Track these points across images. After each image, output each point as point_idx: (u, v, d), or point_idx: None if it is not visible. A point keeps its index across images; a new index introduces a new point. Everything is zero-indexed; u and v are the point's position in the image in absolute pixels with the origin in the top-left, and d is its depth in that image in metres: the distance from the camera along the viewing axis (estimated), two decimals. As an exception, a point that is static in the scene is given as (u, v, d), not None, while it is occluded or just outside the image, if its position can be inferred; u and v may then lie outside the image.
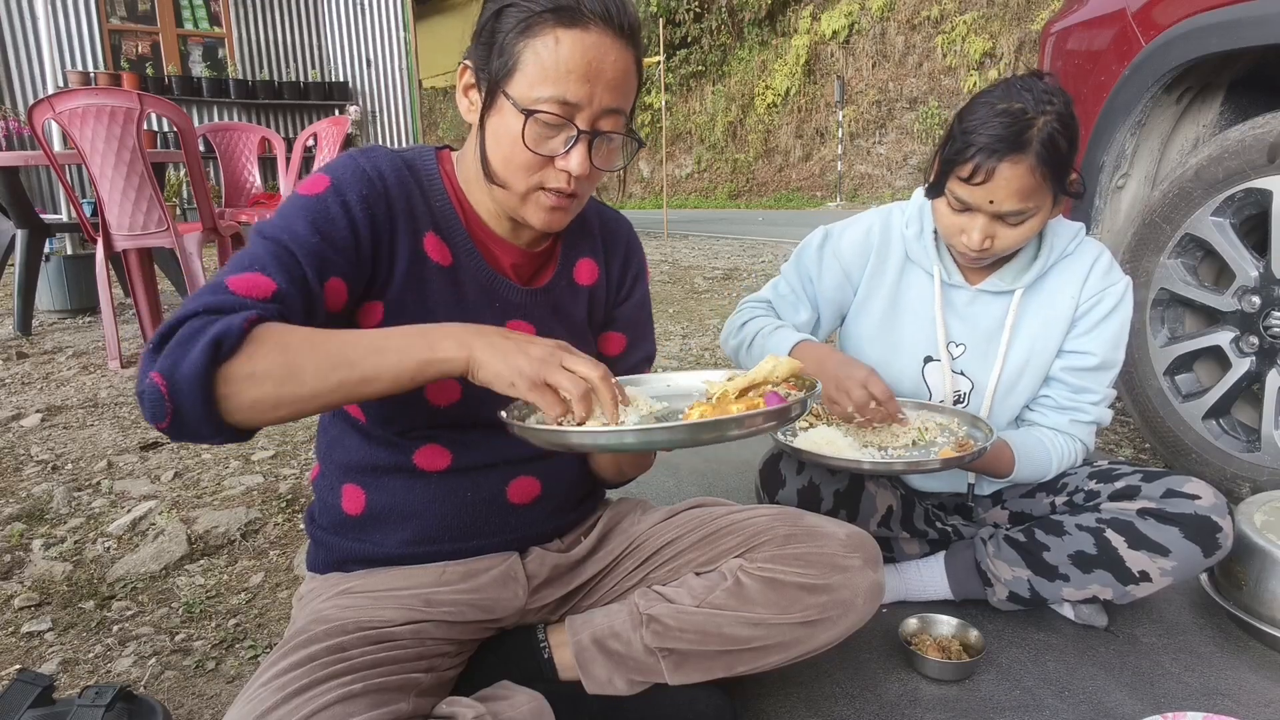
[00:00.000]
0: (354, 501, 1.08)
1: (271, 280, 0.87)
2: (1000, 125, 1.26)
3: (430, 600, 1.06)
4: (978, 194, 1.30)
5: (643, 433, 0.83)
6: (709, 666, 1.08)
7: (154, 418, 0.79)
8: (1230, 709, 1.23)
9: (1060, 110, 1.28)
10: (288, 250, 0.90)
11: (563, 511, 1.19)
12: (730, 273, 6.47)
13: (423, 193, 1.04)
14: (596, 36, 0.92)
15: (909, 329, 1.52)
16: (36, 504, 2.04)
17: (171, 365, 0.78)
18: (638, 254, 1.26)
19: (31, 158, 3.73)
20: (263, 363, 0.80)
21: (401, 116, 10.29)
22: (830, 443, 1.32)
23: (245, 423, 0.83)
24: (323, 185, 0.96)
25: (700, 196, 20.09)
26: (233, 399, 0.80)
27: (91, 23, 8.52)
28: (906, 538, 1.57)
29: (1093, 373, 1.46)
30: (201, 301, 0.83)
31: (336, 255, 0.94)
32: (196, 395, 0.77)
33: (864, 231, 1.55)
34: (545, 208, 1.00)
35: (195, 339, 0.79)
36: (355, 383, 0.83)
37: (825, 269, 1.56)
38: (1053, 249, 1.46)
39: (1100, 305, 1.45)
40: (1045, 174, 1.27)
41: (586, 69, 0.92)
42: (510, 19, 0.93)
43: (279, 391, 0.81)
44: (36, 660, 1.42)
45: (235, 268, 0.88)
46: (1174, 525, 1.31)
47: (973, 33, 15.23)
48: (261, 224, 0.94)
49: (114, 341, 3.39)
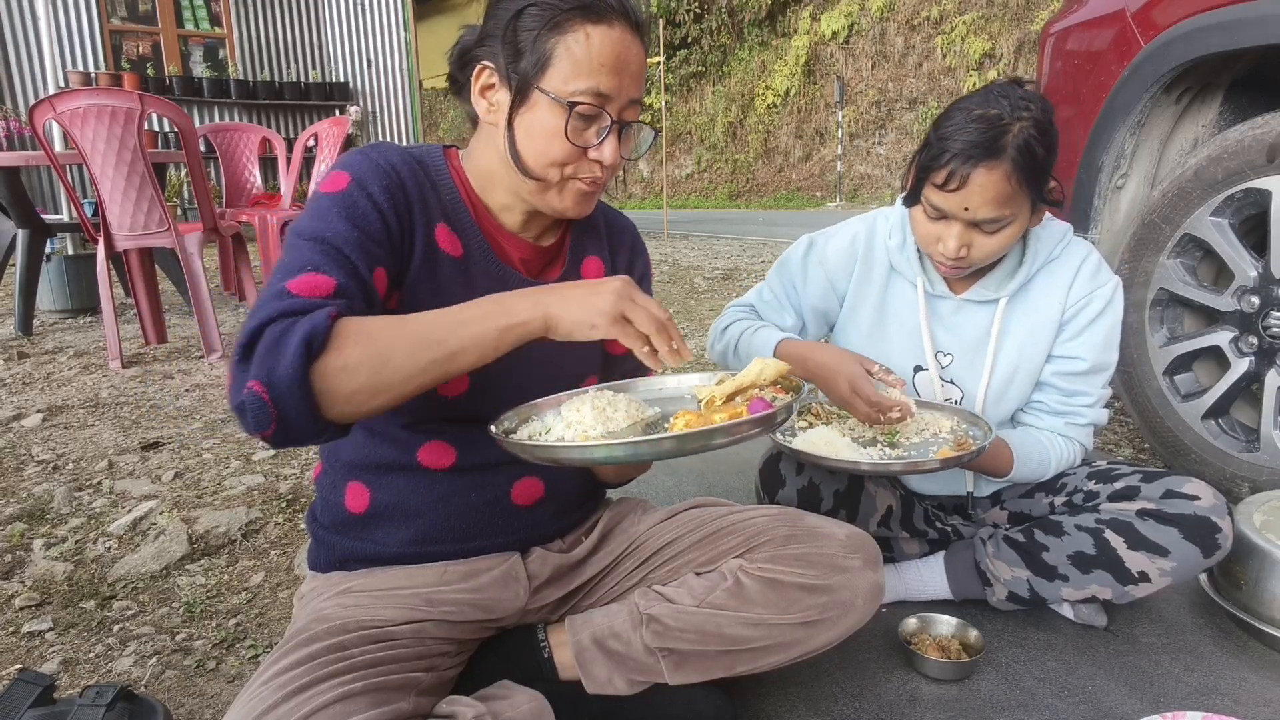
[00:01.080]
0: (358, 499, 1.09)
1: (330, 277, 0.89)
2: (975, 131, 1.25)
3: (431, 600, 1.06)
4: (953, 201, 1.29)
5: (629, 446, 0.86)
6: (709, 667, 1.08)
7: (258, 427, 0.79)
8: (1229, 709, 1.23)
9: (1037, 117, 1.26)
10: (334, 247, 0.91)
11: (565, 512, 1.20)
12: (730, 273, 6.47)
13: (433, 186, 1.06)
14: (620, 31, 0.97)
15: (896, 339, 1.52)
16: (37, 504, 2.04)
17: (268, 371, 0.79)
18: (643, 255, 1.27)
19: (32, 158, 3.73)
20: (354, 353, 0.82)
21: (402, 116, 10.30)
22: (828, 443, 1.32)
23: (344, 416, 0.84)
24: (345, 181, 0.97)
25: (700, 197, 20.09)
26: (330, 394, 0.81)
27: (92, 23, 8.53)
28: (906, 538, 1.57)
29: (1084, 376, 1.45)
30: (273, 308, 0.84)
31: (375, 246, 0.96)
32: (298, 395, 0.79)
33: (849, 240, 1.54)
34: (579, 193, 1.04)
35: (284, 341, 0.80)
36: (445, 359, 0.86)
37: (810, 277, 1.55)
38: (1037, 255, 1.44)
39: (1088, 309, 1.44)
40: (1021, 180, 1.26)
41: (615, 61, 0.97)
42: (534, 18, 0.96)
43: (374, 380, 0.83)
44: (37, 660, 1.42)
45: (288, 272, 0.88)
46: (1173, 526, 1.31)
47: (972, 33, 15.23)
48: (297, 226, 0.94)
49: (115, 341, 3.39)
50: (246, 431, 0.81)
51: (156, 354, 3.68)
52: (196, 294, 3.48)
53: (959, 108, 1.30)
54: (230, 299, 5.01)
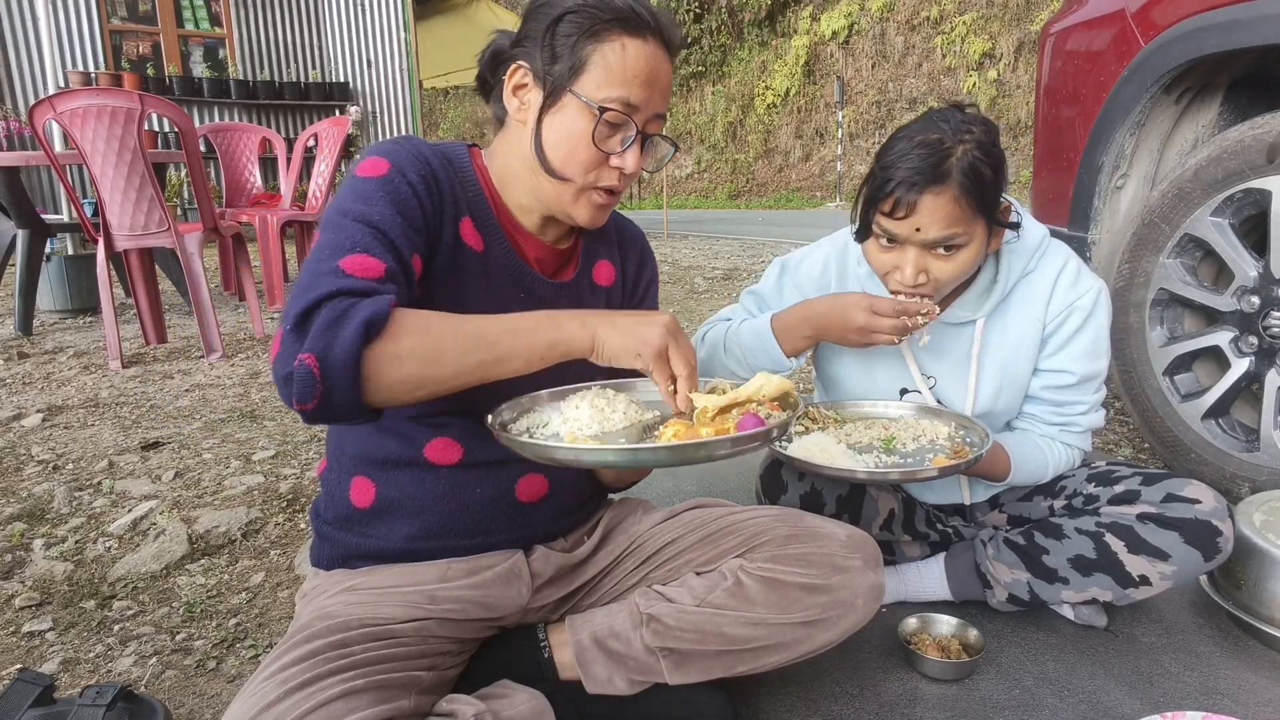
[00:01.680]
0: (363, 494, 1.09)
1: (380, 260, 0.90)
2: (918, 158, 1.23)
3: (434, 597, 1.06)
4: (903, 226, 1.26)
5: (626, 452, 0.90)
6: (709, 666, 1.08)
7: (301, 399, 0.80)
8: (1230, 709, 1.23)
9: (980, 139, 1.24)
10: (380, 230, 0.92)
11: (568, 511, 1.20)
12: (730, 273, 6.47)
13: (460, 180, 1.07)
14: (654, 47, 1.01)
15: (881, 364, 1.50)
16: (37, 504, 2.04)
17: (325, 346, 0.80)
18: (651, 261, 1.29)
19: (32, 158, 3.73)
20: (407, 344, 0.84)
21: (402, 117, 10.30)
22: (824, 450, 1.30)
23: (385, 402, 0.86)
24: (385, 167, 0.98)
25: (700, 197, 20.08)
26: (377, 379, 0.83)
27: (92, 23, 8.53)
28: (908, 540, 1.57)
29: (1073, 388, 1.44)
30: (331, 284, 0.84)
31: (415, 234, 0.97)
32: (349, 375, 0.80)
33: (820, 266, 1.53)
34: (595, 205, 1.06)
35: (345, 320, 0.81)
36: (492, 363, 0.88)
37: (786, 300, 1.54)
38: (1011, 271, 1.41)
39: (1069, 321, 1.41)
40: (970, 203, 1.24)
41: (648, 75, 1.00)
42: (572, 25, 0.99)
43: (422, 372, 0.85)
44: (37, 660, 1.42)
45: (338, 250, 0.89)
46: (1174, 530, 1.30)
47: (972, 33, 15.23)
48: (340, 206, 0.94)
49: (115, 341, 3.39)
50: (285, 401, 0.82)
51: (156, 354, 3.68)
52: (196, 294, 3.48)
53: (900, 136, 1.28)
54: (230, 299, 5.01)
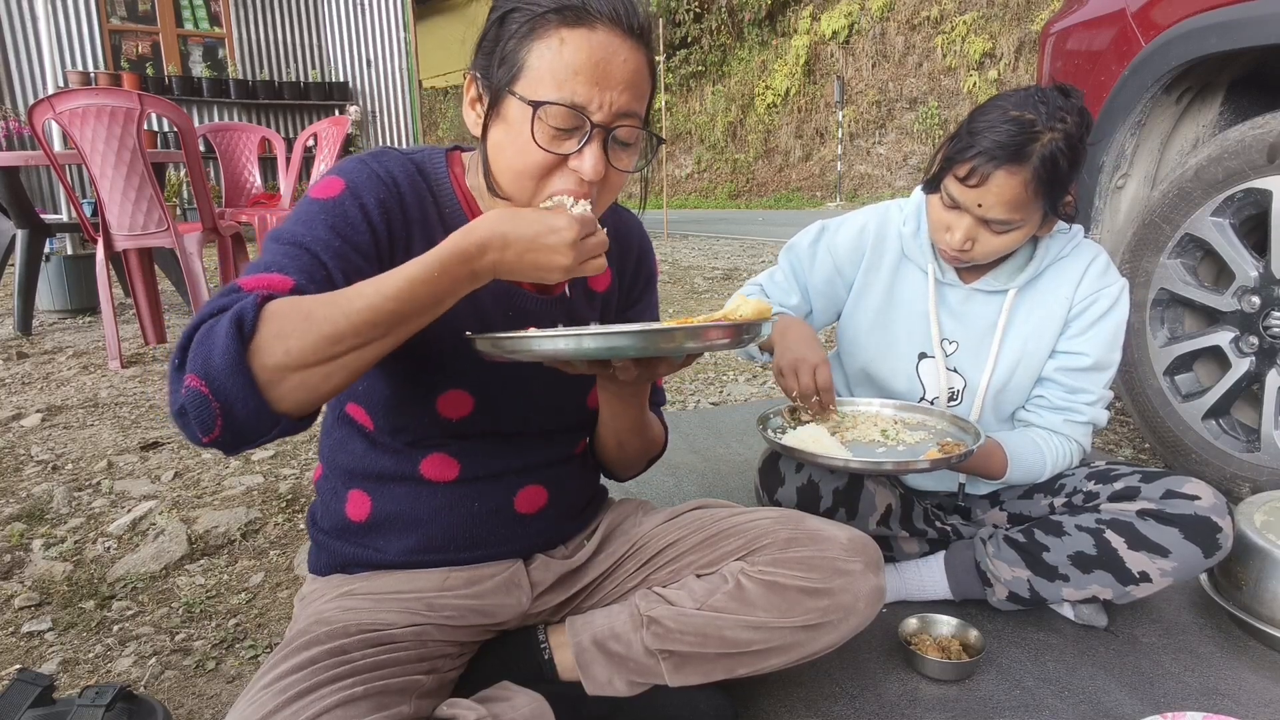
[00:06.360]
0: (359, 508, 1.08)
1: (289, 278, 0.84)
2: (1006, 132, 1.26)
3: (433, 604, 1.05)
4: (969, 195, 1.31)
5: (599, 337, 0.84)
6: (709, 669, 1.08)
7: (203, 428, 0.74)
8: (1230, 709, 1.23)
9: (1070, 130, 1.27)
10: (307, 251, 0.87)
11: (568, 519, 1.19)
12: (730, 273, 6.46)
13: (434, 196, 1.01)
14: (604, 36, 0.88)
15: (903, 325, 1.53)
16: (37, 504, 2.04)
17: (203, 361, 0.73)
18: (649, 257, 1.24)
19: (32, 158, 3.73)
20: (286, 323, 0.76)
21: (401, 116, 10.30)
22: (816, 440, 1.32)
23: (296, 401, 0.77)
24: (338, 188, 0.94)
25: (700, 196, 20.08)
26: (271, 372, 0.75)
27: (92, 23, 8.53)
28: (906, 537, 1.57)
29: (1087, 373, 1.46)
30: (212, 305, 0.79)
31: (358, 257, 0.91)
32: (238, 380, 0.73)
33: (858, 230, 1.57)
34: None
35: (214, 330, 0.75)
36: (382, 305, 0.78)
37: (818, 263, 1.58)
38: (1047, 251, 1.46)
39: (1095, 306, 1.45)
40: (1039, 191, 1.28)
41: (594, 70, 0.87)
42: (514, 23, 0.90)
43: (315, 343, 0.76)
44: (37, 660, 1.42)
45: (250, 271, 0.85)
46: (1174, 526, 1.31)
47: (972, 33, 15.22)
48: (276, 230, 0.90)
49: (114, 341, 3.39)
50: (192, 439, 0.75)
51: (156, 354, 3.68)
52: (196, 294, 3.48)
53: (996, 104, 1.31)
54: (230, 299, 4.99)
